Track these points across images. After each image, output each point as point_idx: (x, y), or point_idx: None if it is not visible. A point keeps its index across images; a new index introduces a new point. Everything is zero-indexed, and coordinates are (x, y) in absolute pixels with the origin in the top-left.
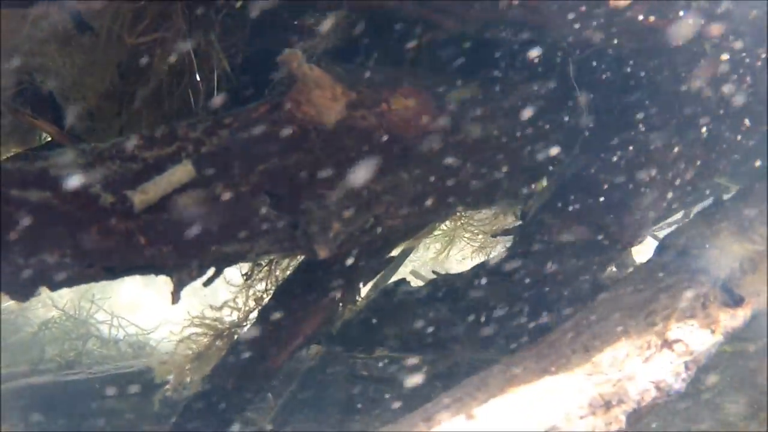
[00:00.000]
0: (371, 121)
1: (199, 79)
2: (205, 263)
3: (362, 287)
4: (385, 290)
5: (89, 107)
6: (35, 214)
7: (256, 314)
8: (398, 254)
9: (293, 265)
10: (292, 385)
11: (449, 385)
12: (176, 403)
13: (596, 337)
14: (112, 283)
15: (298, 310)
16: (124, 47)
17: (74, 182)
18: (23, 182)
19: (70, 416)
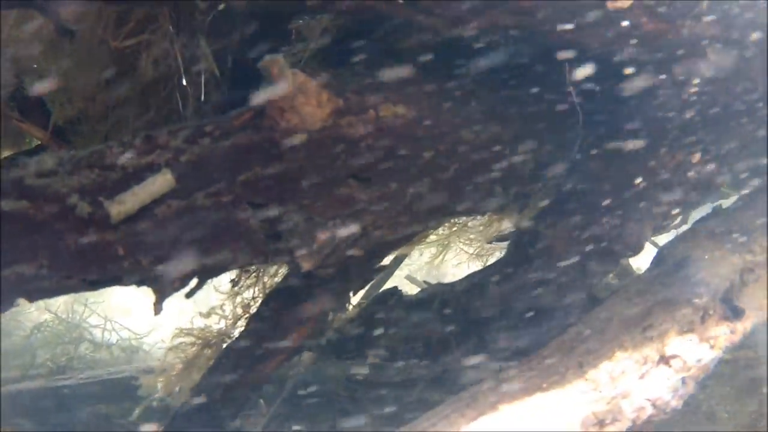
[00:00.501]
0: (359, 129)
1: (186, 83)
2: (186, 275)
3: (353, 295)
4: (376, 298)
5: (76, 111)
6: (11, 224)
7: (244, 322)
8: (392, 261)
9: (282, 272)
10: (284, 392)
11: (441, 391)
12: (160, 411)
13: (590, 352)
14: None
15: (286, 318)
16: (109, 50)
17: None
18: None
19: (59, 422)
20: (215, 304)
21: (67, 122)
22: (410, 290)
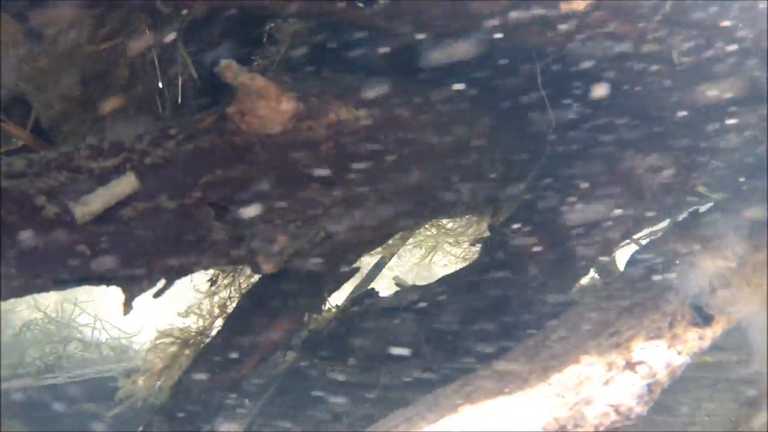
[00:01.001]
0: (319, 132)
1: (162, 85)
2: (153, 275)
3: (328, 297)
4: (353, 300)
5: (56, 112)
6: None
7: (221, 321)
8: (376, 262)
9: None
10: (268, 390)
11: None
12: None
13: (555, 357)
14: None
15: (262, 319)
16: (85, 53)
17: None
18: None
19: (46, 421)
20: (193, 303)
21: (48, 123)
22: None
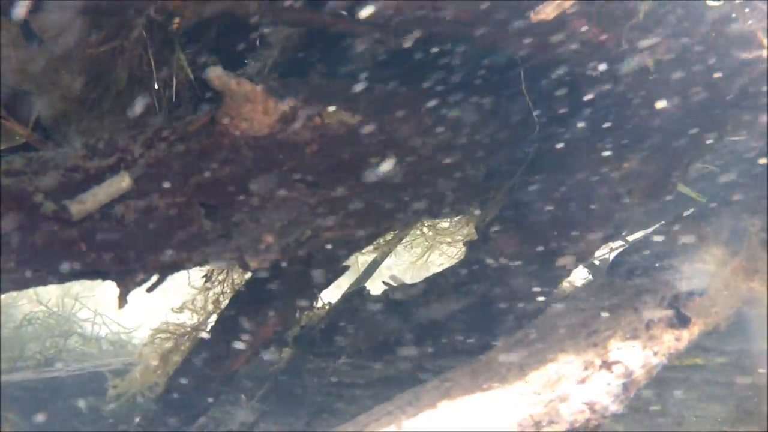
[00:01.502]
0: (304, 134)
1: (158, 87)
2: (146, 270)
3: (319, 294)
4: (344, 298)
5: (57, 111)
6: None
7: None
8: (371, 261)
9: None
10: (263, 386)
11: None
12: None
13: (533, 355)
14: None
15: (253, 315)
16: (84, 54)
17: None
18: None
19: (46, 413)
20: (188, 299)
21: (49, 121)
22: None
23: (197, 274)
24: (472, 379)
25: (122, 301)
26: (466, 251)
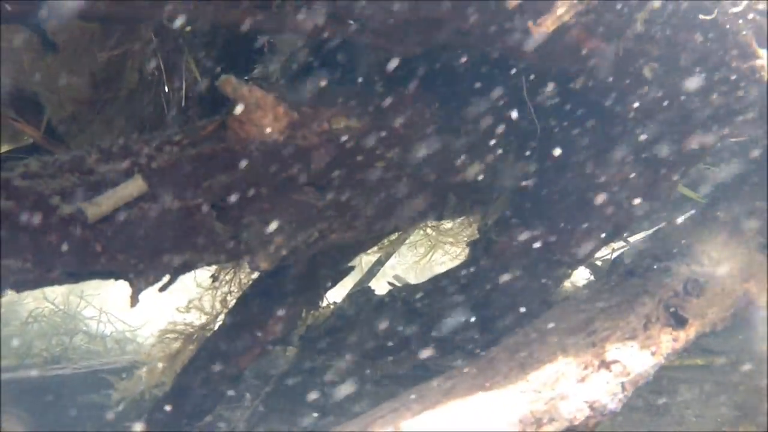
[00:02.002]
0: (312, 140)
1: (168, 89)
2: (158, 271)
3: (325, 294)
4: (349, 297)
5: (68, 113)
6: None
7: (222, 317)
8: (375, 261)
9: None
10: (268, 385)
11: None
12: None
13: (534, 354)
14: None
15: (260, 315)
16: (95, 58)
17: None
18: None
19: (53, 411)
20: (194, 297)
21: (59, 122)
22: None
23: (204, 273)
24: (474, 377)
25: (134, 300)
26: (468, 252)
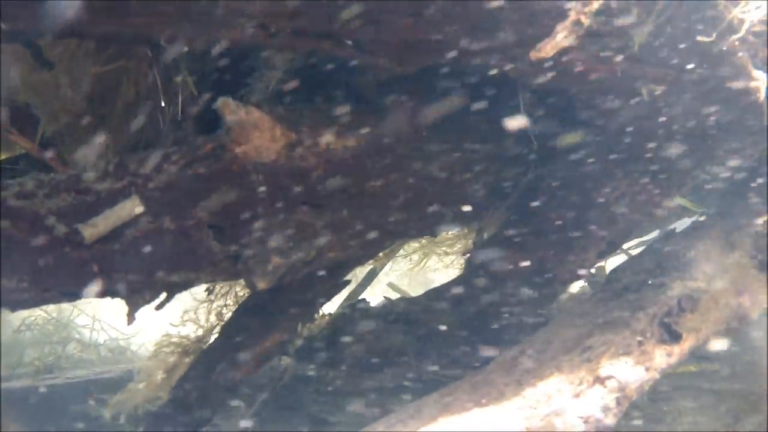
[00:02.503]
0: (310, 160)
1: (164, 104)
2: (155, 289)
3: (321, 307)
4: (343, 308)
5: (63, 125)
6: None
7: (218, 329)
8: (368, 272)
9: None
10: (263, 395)
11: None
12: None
13: (529, 371)
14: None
15: (257, 327)
16: (90, 73)
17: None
18: None
19: (46, 422)
20: (188, 309)
21: (54, 134)
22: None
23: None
24: (470, 393)
25: (131, 318)
26: (464, 265)
